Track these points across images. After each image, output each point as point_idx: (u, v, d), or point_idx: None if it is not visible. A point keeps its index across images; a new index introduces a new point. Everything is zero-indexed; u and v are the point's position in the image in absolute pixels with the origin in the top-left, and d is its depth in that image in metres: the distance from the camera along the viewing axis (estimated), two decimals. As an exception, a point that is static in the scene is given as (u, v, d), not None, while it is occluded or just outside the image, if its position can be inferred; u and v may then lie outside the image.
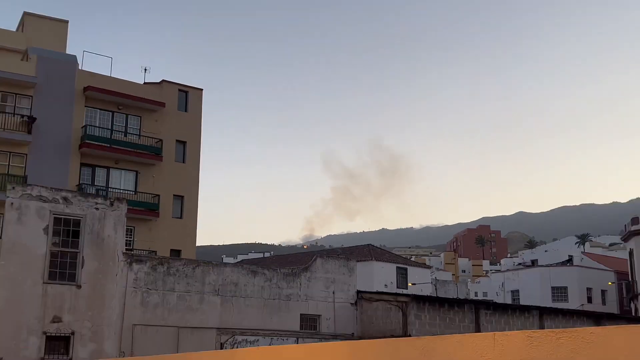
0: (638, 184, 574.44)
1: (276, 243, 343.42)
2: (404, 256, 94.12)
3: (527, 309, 31.71)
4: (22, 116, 35.69)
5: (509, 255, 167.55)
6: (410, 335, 25.29)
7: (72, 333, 20.58)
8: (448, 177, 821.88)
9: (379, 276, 53.82)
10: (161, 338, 22.22)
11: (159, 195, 39.12)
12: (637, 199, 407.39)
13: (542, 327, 30.76)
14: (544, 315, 31.64)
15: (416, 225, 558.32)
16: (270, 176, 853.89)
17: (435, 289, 62.07)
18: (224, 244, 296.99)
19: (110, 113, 38.98)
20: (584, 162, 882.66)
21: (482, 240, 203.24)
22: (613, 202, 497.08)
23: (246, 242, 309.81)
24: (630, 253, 57.17)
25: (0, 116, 35.28)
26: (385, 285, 53.13)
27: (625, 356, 3.63)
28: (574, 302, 62.41)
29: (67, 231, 21.11)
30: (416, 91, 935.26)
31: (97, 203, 21.70)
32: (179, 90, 41.90)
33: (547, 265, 72.45)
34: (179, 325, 22.72)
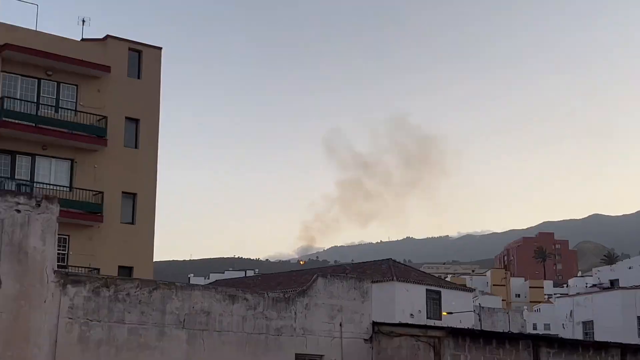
0: None
1: (262, 258, 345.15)
2: (436, 275, 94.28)
3: (604, 346, 31.72)
4: None
5: (579, 273, 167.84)
6: (445, 383, 25.29)
7: (-15, 380, 20.59)
8: (497, 169, 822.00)
9: (403, 302, 53.95)
10: (106, 387, 22.24)
11: (102, 193, 39.14)
12: None
13: (624, 371, 30.79)
14: (627, 355, 31.66)
15: (453, 233, 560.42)
16: (255, 168, 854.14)
17: (480, 319, 62.14)
18: (192, 259, 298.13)
19: (36, 81, 38.94)
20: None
21: (543, 253, 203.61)
22: None
23: (221, 256, 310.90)
24: None
25: None
26: (412, 314, 53.26)
27: None
28: (669, 337, 62.43)
29: (-23, 241, 21.08)
30: (455, 52, 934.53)
31: (18, 203, 21.69)
32: (130, 49, 41.85)
33: (631, 287, 72.45)
34: (130, 369, 22.72)
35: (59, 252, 35.02)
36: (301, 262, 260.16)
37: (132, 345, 22.97)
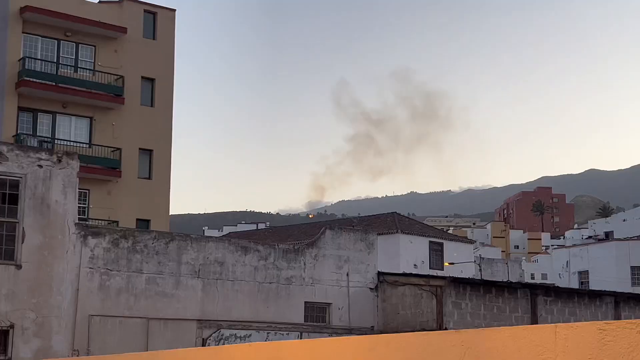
0: None
1: (273, 211, 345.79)
2: (439, 228, 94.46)
3: (598, 295, 31.84)
4: (-59, 46, 35.60)
5: (575, 226, 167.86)
6: (446, 329, 25.47)
7: (11, 326, 20.83)
8: (499, 125, 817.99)
9: (407, 253, 54.06)
10: (126, 332, 22.48)
11: (120, 149, 39.16)
12: None
13: (617, 317, 30.90)
14: (620, 303, 31.77)
15: (455, 187, 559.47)
16: (266, 124, 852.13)
17: (480, 269, 62.34)
18: (206, 212, 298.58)
19: (56, 42, 38.77)
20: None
21: (540, 206, 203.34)
22: None
23: (234, 210, 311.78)
24: None
25: None
26: (415, 265, 53.43)
27: None
28: (660, 286, 62.59)
29: (2, 195, 21.21)
30: (459, 7, 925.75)
31: (40, 159, 21.75)
32: (145, 11, 41.57)
33: (625, 239, 72.53)
34: (148, 316, 22.95)
35: (79, 205, 35.12)
36: (310, 216, 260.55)
37: (150, 293, 23.17)
